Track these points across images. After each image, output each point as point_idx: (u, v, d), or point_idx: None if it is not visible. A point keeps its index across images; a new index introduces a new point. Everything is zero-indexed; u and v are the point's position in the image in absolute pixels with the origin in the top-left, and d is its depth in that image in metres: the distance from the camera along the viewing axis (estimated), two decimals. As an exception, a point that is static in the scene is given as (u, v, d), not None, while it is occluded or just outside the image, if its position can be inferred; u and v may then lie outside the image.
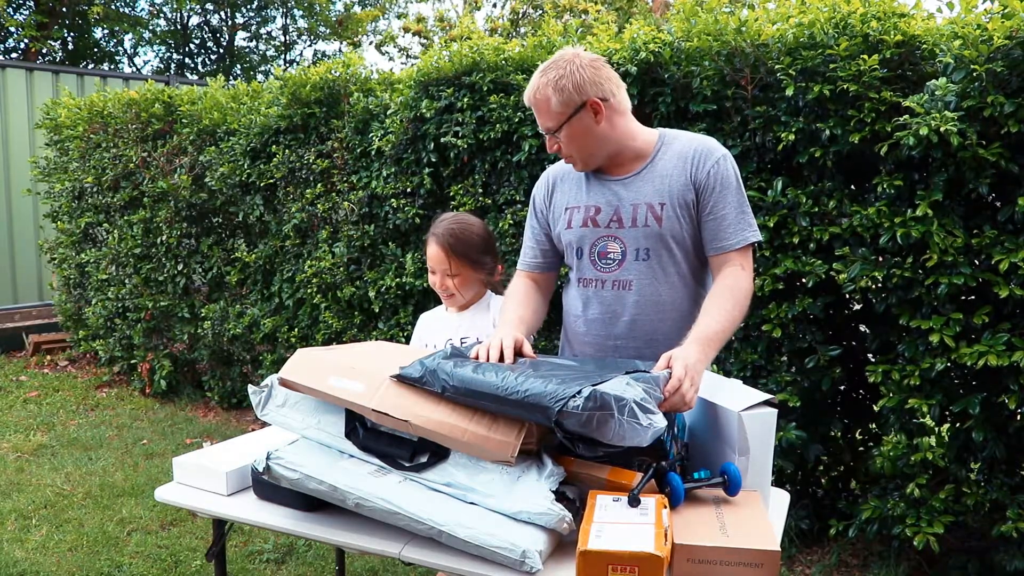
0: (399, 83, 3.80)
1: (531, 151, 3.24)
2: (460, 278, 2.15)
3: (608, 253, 1.85)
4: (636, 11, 11.62)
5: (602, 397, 1.30)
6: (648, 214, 1.81)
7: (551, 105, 1.76)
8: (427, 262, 2.20)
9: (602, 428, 1.30)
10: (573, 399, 1.30)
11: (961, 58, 2.37)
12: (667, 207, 1.80)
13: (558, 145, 1.82)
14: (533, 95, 1.79)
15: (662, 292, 1.83)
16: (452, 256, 2.12)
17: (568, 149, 1.82)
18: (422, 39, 11.86)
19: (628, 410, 1.29)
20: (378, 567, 2.95)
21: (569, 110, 1.76)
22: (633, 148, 1.85)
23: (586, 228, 1.87)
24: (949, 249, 2.44)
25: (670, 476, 1.42)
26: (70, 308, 5.82)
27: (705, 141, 1.84)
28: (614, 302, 1.86)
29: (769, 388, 2.79)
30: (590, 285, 1.89)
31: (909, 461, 2.58)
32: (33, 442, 4.32)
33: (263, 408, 1.65)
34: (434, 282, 2.18)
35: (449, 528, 1.35)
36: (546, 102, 1.76)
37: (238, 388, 4.90)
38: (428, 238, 2.18)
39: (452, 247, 2.12)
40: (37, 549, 3.07)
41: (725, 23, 2.80)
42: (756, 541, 1.26)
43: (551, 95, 1.75)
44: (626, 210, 1.83)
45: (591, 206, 1.87)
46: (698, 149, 1.81)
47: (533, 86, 1.78)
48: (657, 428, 1.30)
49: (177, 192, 4.71)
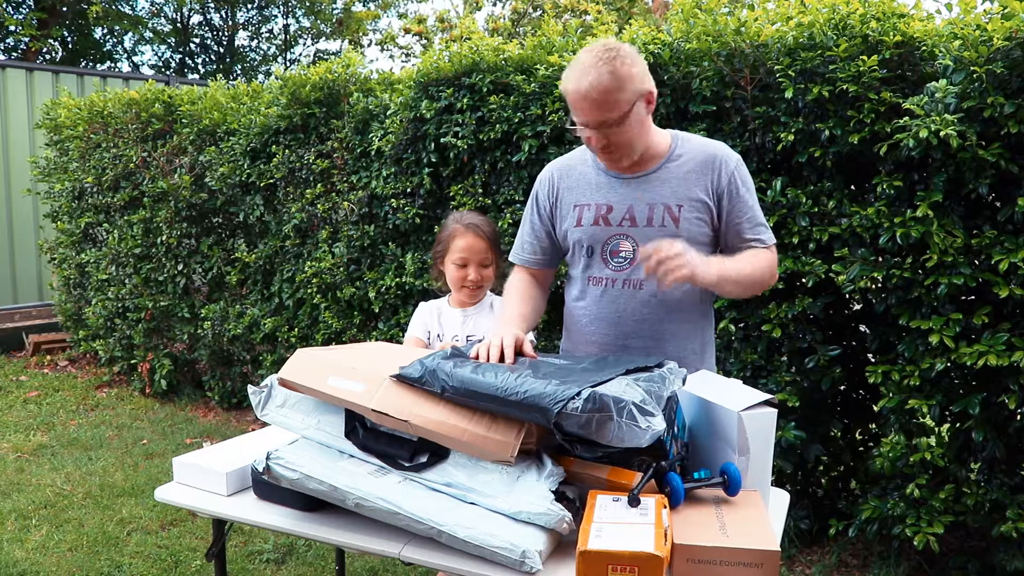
0: (399, 83, 3.81)
1: (531, 151, 3.24)
2: (492, 269, 2.17)
3: (620, 251, 1.84)
4: (636, 12, 11.63)
5: (601, 399, 1.30)
6: (665, 214, 1.80)
7: (613, 96, 1.66)
8: (453, 256, 2.16)
9: (601, 430, 1.31)
10: (572, 400, 1.31)
11: (961, 59, 2.37)
12: (684, 209, 1.79)
13: (606, 140, 1.73)
14: (591, 88, 1.66)
15: (673, 292, 1.82)
16: (490, 244, 2.15)
17: (617, 142, 1.74)
18: (422, 39, 11.87)
19: (627, 412, 1.29)
20: (378, 567, 2.95)
21: (632, 100, 1.70)
22: (652, 145, 1.83)
23: (597, 226, 1.85)
24: (949, 249, 2.44)
25: (670, 476, 1.42)
26: (70, 308, 5.82)
27: (719, 148, 1.85)
28: (625, 301, 1.85)
29: (769, 388, 2.79)
30: (600, 283, 1.88)
31: (909, 461, 2.58)
32: (33, 442, 4.32)
33: (263, 408, 1.65)
34: (463, 276, 2.15)
35: (449, 528, 1.35)
36: (607, 93, 1.66)
37: (238, 388, 4.90)
38: (456, 232, 2.16)
39: (491, 236, 2.16)
40: (37, 549, 3.07)
41: (724, 24, 2.81)
42: (756, 541, 1.26)
43: (612, 86, 1.66)
44: (640, 209, 1.82)
45: (602, 204, 1.85)
46: (716, 155, 1.83)
47: (588, 80, 1.66)
48: (656, 431, 1.30)
49: (177, 192, 4.71)
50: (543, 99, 3.22)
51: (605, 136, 1.73)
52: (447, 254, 2.18)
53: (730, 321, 2.87)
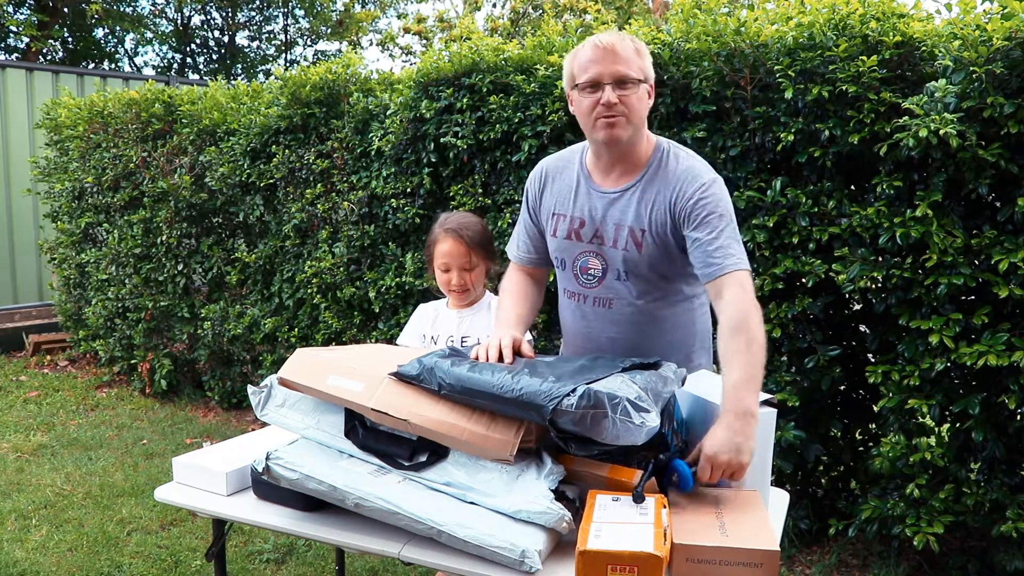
0: (399, 83, 3.81)
1: (531, 151, 3.24)
2: (477, 272, 2.16)
3: (589, 269, 1.83)
4: (636, 11, 11.63)
5: (596, 395, 1.30)
6: (629, 239, 1.76)
7: (634, 58, 1.68)
8: (437, 262, 2.17)
9: (596, 426, 1.31)
10: (567, 397, 1.31)
11: (960, 59, 2.37)
12: (647, 234, 1.74)
13: (616, 99, 1.67)
14: (615, 43, 1.67)
15: (642, 312, 1.80)
16: (471, 248, 2.13)
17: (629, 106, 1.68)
18: (422, 39, 11.87)
19: (621, 408, 1.29)
20: (378, 567, 2.95)
21: (645, 74, 1.71)
22: (639, 148, 1.77)
23: (569, 240, 1.84)
24: (949, 249, 2.44)
25: (675, 463, 1.42)
26: (70, 308, 5.82)
27: (696, 167, 1.74)
28: (595, 318, 1.84)
29: (769, 388, 2.79)
30: (574, 298, 1.89)
31: (909, 461, 2.58)
32: (33, 442, 4.32)
33: (263, 408, 1.65)
34: (447, 280, 2.16)
35: (449, 528, 1.35)
36: (630, 52, 1.68)
37: (238, 388, 4.90)
38: (438, 237, 2.16)
39: (470, 239, 2.14)
40: (37, 549, 3.07)
41: (724, 24, 2.81)
42: (755, 541, 1.26)
43: (633, 50, 1.68)
44: (608, 229, 1.78)
45: (576, 218, 1.83)
46: (686, 174, 1.73)
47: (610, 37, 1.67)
48: (651, 427, 1.30)
49: (177, 192, 4.71)
50: (543, 99, 3.22)
51: (617, 96, 1.67)
52: (433, 259, 2.20)
53: (730, 321, 2.86)
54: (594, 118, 1.70)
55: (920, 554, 2.78)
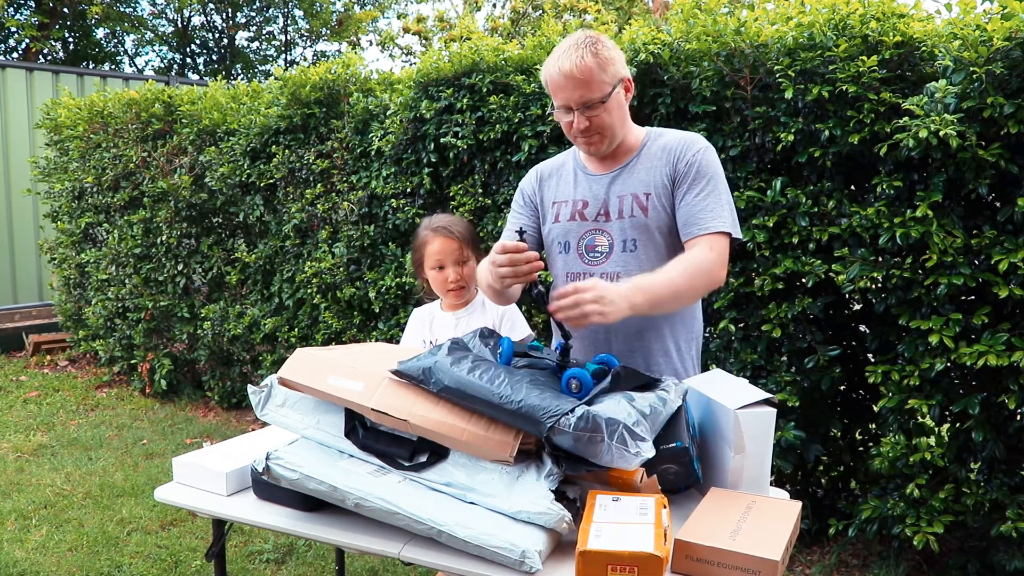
0: (399, 83, 3.81)
1: (531, 151, 3.24)
2: (470, 266, 2.17)
3: (596, 247, 1.87)
4: (636, 11, 11.63)
5: (594, 419, 1.31)
6: (634, 204, 1.82)
7: (596, 76, 1.71)
8: (430, 262, 2.19)
9: (591, 449, 1.32)
10: (566, 416, 1.31)
11: (960, 59, 2.37)
12: (652, 197, 1.81)
13: (587, 123, 1.75)
14: (573, 68, 1.69)
15: None
16: (463, 243, 2.16)
17: (599, 124, 1.76)
18: (422, 39, 11.86)
19: (619, 436, 1.30)
20: (378, 567, 2.95)
21: (613, 83, 1.74)
22: (628, 139, 1.86)
23: (573, 222, 1.89)
24: (949, 249, 2.44)
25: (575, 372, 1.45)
26: (70, 308, 5.82)
27: (688, 135, 1.85)
28: None
29: (769, 388, 2.79)
30: (578, 279, 1.87)
31: (908, 461, 2.58)
32: (33, 442, 4.32)
33: (263, 408, 1.65)
34: (443, 278, 2.18)
35: (449, 528, 1.35)
36: (590, 73, 1.70)
37: (238, 388, 4.90)
38: (427, 238, 2.19)
39: (460, 234, 2.17)
40: (37, 549, 3.07)
41: (724, 24, 2.81)
42: (757, 548, 1.25)
43: (595, 66, 1.70)
44: (613, 203, 1.85)
45: (579, 200, 1.89)
46: (681, 141, 1.83)
47: (570, 60, 1.70)
48: (644, 456, 1.31)
49: (177, 192, 4.71)
50: (543, 99, 3.22)
51: (587, 118, 1.75)
52: (424, 262, 2.21)
53: (730, 321, 2.87)
54: (573, 135, 1.82)
55: (920, 554, 2.78)
